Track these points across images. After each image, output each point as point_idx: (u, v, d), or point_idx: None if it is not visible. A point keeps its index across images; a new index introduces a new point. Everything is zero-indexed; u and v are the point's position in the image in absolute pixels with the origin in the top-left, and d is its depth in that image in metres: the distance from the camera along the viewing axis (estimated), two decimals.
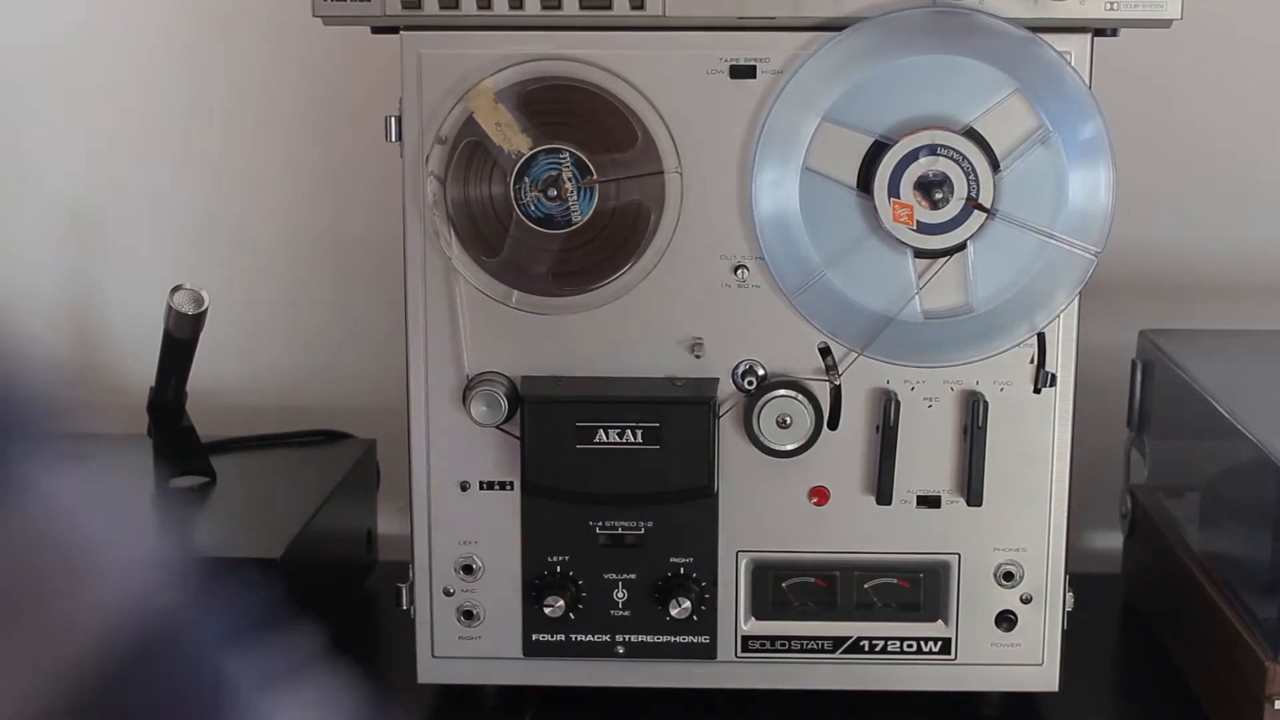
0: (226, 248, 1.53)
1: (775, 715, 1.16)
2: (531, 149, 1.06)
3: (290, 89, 1.50)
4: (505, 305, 1.09)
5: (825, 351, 1.09)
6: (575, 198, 1.06)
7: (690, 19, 1.05)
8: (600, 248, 1.08)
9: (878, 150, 1.05)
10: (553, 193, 1.06)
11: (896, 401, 1.09)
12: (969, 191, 1.05)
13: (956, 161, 1.04)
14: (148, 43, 1.49)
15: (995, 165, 1.05)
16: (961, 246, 1.06)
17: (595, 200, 1.06)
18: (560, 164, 1.06)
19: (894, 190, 1.05)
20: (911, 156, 1.04)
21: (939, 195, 1.05)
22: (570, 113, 1.06)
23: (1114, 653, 1.31)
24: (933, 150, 1.04)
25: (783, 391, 1.09)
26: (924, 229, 1.05)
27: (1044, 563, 1.12)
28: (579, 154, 1.06)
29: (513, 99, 1.06)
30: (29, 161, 1.52)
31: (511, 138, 1.05)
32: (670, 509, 1.10)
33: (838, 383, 1.09)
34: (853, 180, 1.05)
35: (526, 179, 1.06)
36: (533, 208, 1.07)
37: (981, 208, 1.05)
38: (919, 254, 1.06)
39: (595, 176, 1.06)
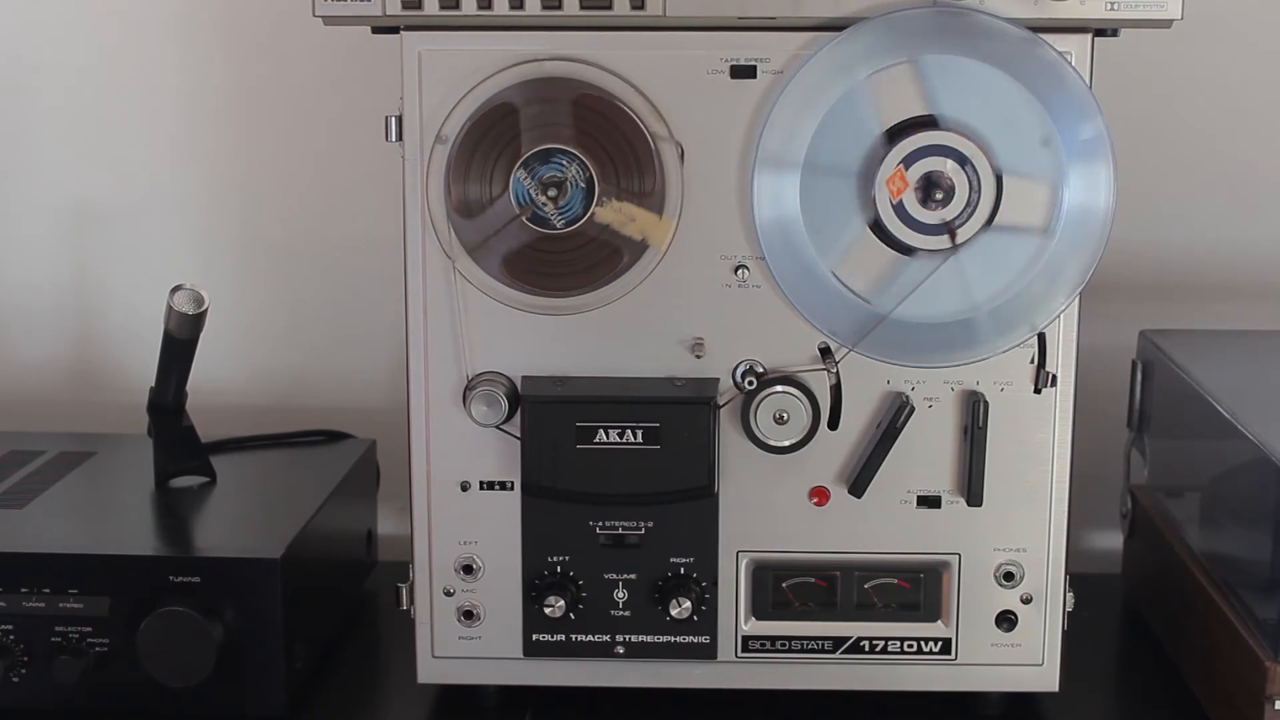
0: (227, 248, 1.53)
1: (775, 715, 1.16)
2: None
3: (290, 89, 1.50)
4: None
5: (826, 352, 1.09)
6: (568, 206, 1.06)
7: (690, 19, 1.05)
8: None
9: (926, 122, 1.04)
10: (552, 192, 1.06)
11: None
12: (954, 217, 1.05)
13: (972, 187, 1.05)
14: (147, 42, 1.49)
15: (992, 218, 1.05)
16: (909, 251, 1.06)
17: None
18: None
19: (908, 162, 1.04)
20: (940, 150, 1.04)
21: (939, 196, 1.05)
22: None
23: (1114, 653, 1.31)
24: (961, 161, 1.04)
25: (779, 387, 1.09)
26: (900, 214, 1.05)
27: (1044, 563, 1.12)
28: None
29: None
30: (29, 161, 1.53)
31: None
32: (670, 509, 1.10)
33: (834, 381, 1.09)
34: (884, 127, 1.05)
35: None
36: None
37: (953, 236, 1.05)
38: (874, 227, 1.06)
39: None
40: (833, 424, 1.10)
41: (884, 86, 1.04)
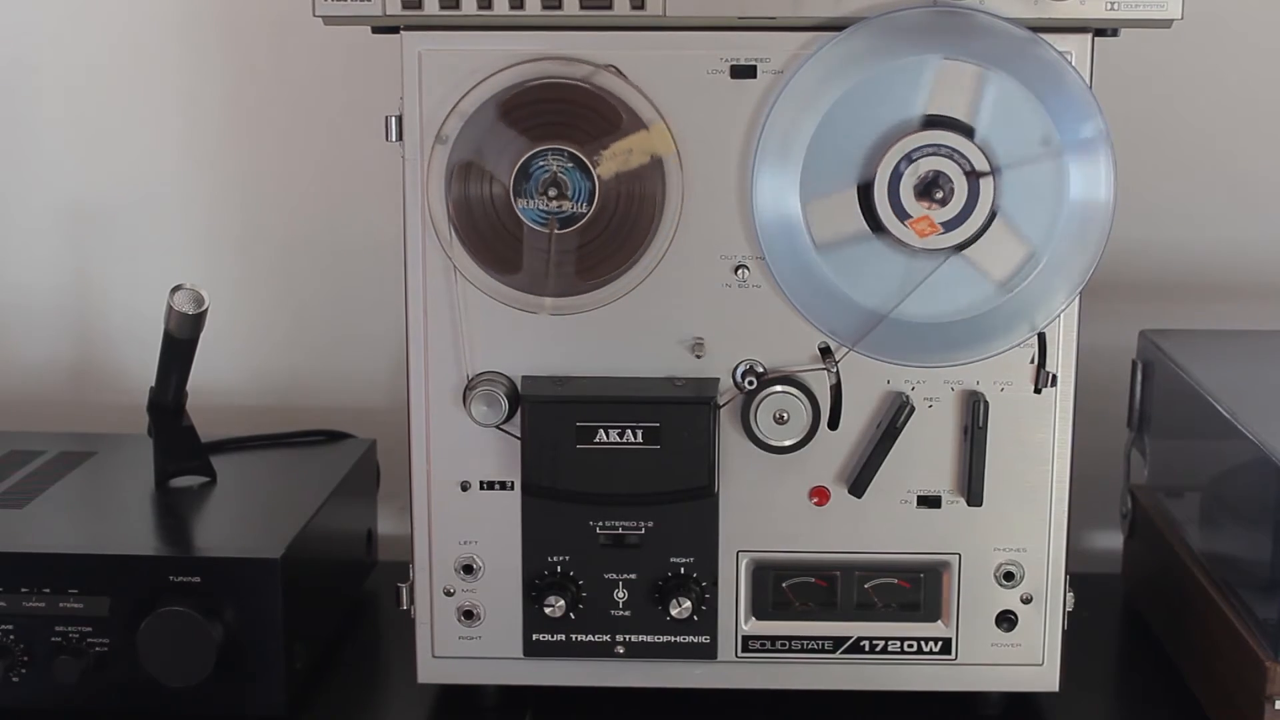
0: (227, 247, 1.53)
1: (775, 715, 1.16)
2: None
3: (290, 89, 1.50)
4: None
5: (826, 351, 1.09)
6: (577, 192, 1.06)
7: (690, 19, 1.05)
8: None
9: (866, 190, 1.05)
10: (553, 192, 1.06)
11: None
12: (964, 167, 1.05)
13: (934, 153, 1.04)
14: (147, 42, 1.49)
15: (969, 132, 1.04)
16: (994, 214, 1.05)
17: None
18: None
19: (901, 214, 1.05)
20: (895, 179, 1.04)
21: (940, 194, 1.05)
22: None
23: (1114, 653, 1.31)
24: (909, 159, 1.04)
25: (779, 387, 1.09)
26: (950, 225, 1.05)
27: (1044, 563, 1.12)
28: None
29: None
30: (29, 161, 1.53)
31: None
32: (670, 509, 1.10)
33: (834, 381, 1.09)
34: (865, 227, 1.06)
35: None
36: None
37: (983, 173, 1.04)
38: (962, 247, 1.06)
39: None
40: (833, 424, 1.10)
41: (822, 212, 1.05)
